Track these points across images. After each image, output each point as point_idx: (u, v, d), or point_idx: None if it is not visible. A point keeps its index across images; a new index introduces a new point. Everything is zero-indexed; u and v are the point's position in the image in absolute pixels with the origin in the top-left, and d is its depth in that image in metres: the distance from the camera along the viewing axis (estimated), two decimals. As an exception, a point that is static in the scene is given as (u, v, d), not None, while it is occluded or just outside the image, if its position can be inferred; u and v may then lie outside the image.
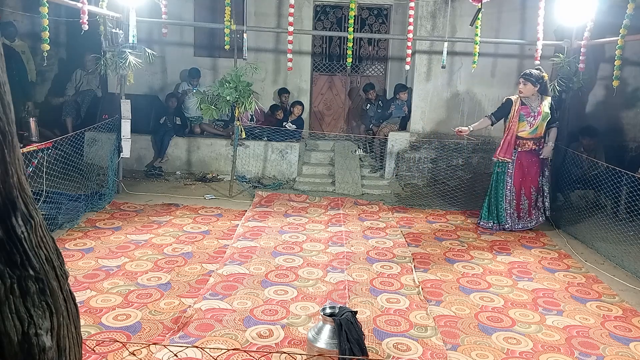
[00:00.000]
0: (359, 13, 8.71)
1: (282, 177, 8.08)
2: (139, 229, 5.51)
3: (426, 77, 8.17)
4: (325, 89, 9.35)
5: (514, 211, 6.04)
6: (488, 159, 8.11)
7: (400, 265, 4.86)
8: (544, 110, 5.86)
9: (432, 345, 3.43)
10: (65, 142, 6.16)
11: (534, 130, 5.91)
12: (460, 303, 4.14)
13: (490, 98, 8.19)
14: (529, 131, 5.91)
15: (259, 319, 3.67)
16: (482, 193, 7.27)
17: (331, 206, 6.81)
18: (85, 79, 8.56)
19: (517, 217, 6.07)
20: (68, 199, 5.88)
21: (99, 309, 3.71)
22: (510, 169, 6.00)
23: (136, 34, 6.49)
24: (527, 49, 7.81)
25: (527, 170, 6.00)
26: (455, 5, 7.81)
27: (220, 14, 7.27)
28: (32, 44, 8.22)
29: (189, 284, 4.22)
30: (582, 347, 3.53)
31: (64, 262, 1.54)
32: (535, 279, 4.74)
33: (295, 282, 4.35)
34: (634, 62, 7.89)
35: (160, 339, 3.34)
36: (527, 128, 5.89)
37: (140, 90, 8.17)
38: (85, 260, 4.60)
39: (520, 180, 5.99)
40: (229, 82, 6.70)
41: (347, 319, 2.86)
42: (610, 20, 6.08)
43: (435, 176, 7.99)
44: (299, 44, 8.67)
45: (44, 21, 5.09)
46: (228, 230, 5.67)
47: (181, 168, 8.15)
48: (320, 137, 8.98)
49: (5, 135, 1.32)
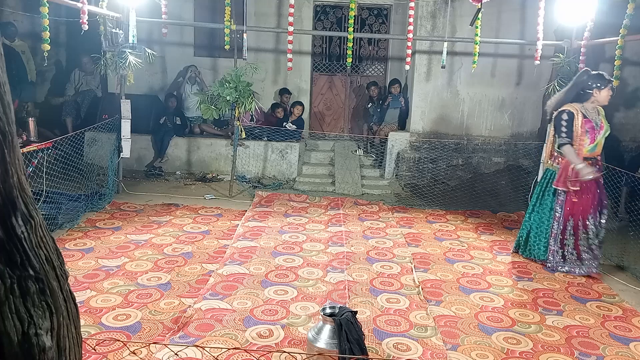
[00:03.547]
0: (359, 13, 8.71)
1: (282, 177, 8.08)
2: (139, 229, 5.51)
3: (426, 77, 8.17)
4: (325, 89, 9.35)
5: (558, 249, 4.89)
6: (488, 159, 8.13)
7: (400, 265, 4.86)
8: (606, 124, 4.76)
9: (432, 345, 3.43)
10: (65, 142, 6.16)
11: (593, 147, 4.71)
12: (460, 303, 4.13)
13: (490, 98, 8.20)
14: (588, 148, 4.71)
15: (259, 319, 3.67)
16: (482, 193, 7.28)
17: (331, 206, 6.81)
18: (84, 79, 8.57)
19: (561, 258, 4.90)
20: (68, 199, 5.88)
21: (99, 309, 3.71)
22: (561, 195, 4.80)
23: (136, 34, 6.49)
24: (527, 49, 7.81)
25: (584, 198, 4.74)
26: (455, 5, 7.81)
27: (220, 14, 7.27)
28: (32, 44, 8.22)
29: (189, 284, 4.22)
30: (582, 347, 3.53)
31: (64, 262, 1.54)
32: (535, 279, 4.73)
33: (295, 282, 4.35)
34: (634, 62, 7.89)
35: (160, 339, 3.34)
36: (586, 145, 4.71)
37: (140, 90, 8.17)
38: (85, 260, 4.60)
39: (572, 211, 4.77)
40: (229, 82, 6.71)
41: (347, 319, 2.86)
42: (610, 20, 6.08)
43: (435, 176, 7.99)
44: (299, 44, 8.67)
45: (44, 21, 5.09)
46: (228, 230, 5.67)
47: (181, 168, 8.16)
48: (320, 137, 8.98)
49: (5, 135, 1.31)
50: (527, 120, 8.29)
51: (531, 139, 8.12)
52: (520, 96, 8.22)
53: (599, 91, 4.67)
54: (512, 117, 8.26)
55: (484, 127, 8.27)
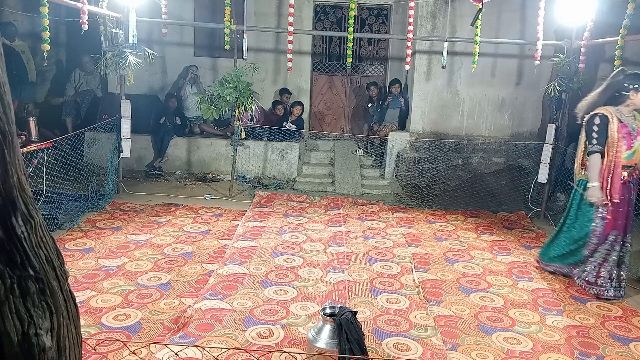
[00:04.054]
0: (359, 13, 8.71)
1: (282, 177, 8.08)
2: (139, 229, 5.51)
3: (426, 77, 8.17)
4: (325, 89, 9.35)
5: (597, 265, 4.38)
6: (488, 159, 8.13)
7: (400, 265, 4.86)
8: None
9: (432, 345, 3.43)
10: (65, 142, 6.16)
11: (631, 155, 4.24)
12: (460, 303, 4.13)
13: (490, 98, 8.20)
14: (625, 155, 4.23)
15: (259, 319, 3.67)
16: (482, 193, 7.28)
17: (331, 206, 6.81)
18: (84, 79, 8.57)
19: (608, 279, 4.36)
20: (68, 199, 5.88)
21: (99, 309, 3.71)
22: (600, 210, 4.30)
23: (136, 34, 6.49)
24: (527, 49, 7.81)
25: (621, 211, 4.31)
26: (455, 5, 7.81)
27: (220, 14, 7.27)
28: (32, 44, 8.22)
29: (189, 284, 4.22)
30: (582, 347, 3.53)
31: (64, 262, 1.54)
32: (535, 279, 4.73)
33: (295, 282, 4.35)
34: (634, 62, 7.88)
35: (160, 339, 3.34)
36: (623, 152, 4.24)
37: (140, 90, 8.17)
38: (85, 260, 4.60)
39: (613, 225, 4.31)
40: (229, 82, 6.71)
41: (347, 319, 2.86)
42: (610, 20, 6.07)
43: (435, 176, 7.99)
44: (299, 44, 8.67)
45: (44, 21, 5.08)
46: (228, 230, 5.67)
47: (181, 168, 8.16)
48: (320, 137, 8.98)
49: (5, 135, 1.32)
50: (527, 121, 8.29)
51: (531, 139, 8.12)
52: (520, 96, 8.22)
53: (636, 93, 4.15)
54: (512, 117, 8.26)
55: (484, 127, 8.27)
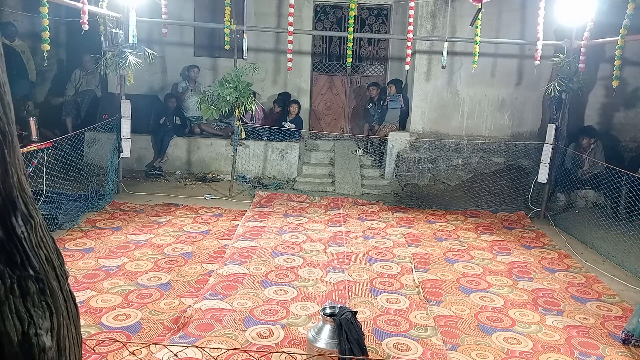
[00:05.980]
0: (359, 13, 8.71)
1: (282, 177, 8.08)
2: (139, 229, 5.51)
3: (426, 77, 8.17)
4: (325, 89, 9.35)
5: None
6: (488, 159, 8.12)
7: (400, 265, 4.85)
8: None
9: (432, 345, 3.43)
10: (65, 142, 6.16)
11: None
12: (460, 303, 4.13)
13: (490, 98, 8.20)
14: None
15: (259, 319, 3.67)
16: (482, 193, 7.28)
17: (331, 206, 6.81)
18: (85, 79, 8.56)
19: None
20: (68, 199, 5.87)
21: (99, 309, 3.71)
22: None
23: (136, 34, 6.49)
24: (527, 49, 7.81)
25: None
26: (455, 5, 7.81)
27: (220, 14, 7.27)
28: (32, 44, 8.22)
29: (189, 284, 4.22)
30: (582, 347, 3.53)
31: (64, 262, 1.54)
32: (535, 279, 4.73)
33: (295, 282, 4.35)
34: (634, 62, 7.89)
35: (160, 339, 3.34)
36: None
37: (140, 90, 8.17)
38: (85, 260, 4.60)
39: None
40: (229, 82, 6.70)
41: (347, 319, 2.86)
42: (610, 20, 6.07)
43: (435, 176, 7.99)
44: (299, 44, 8.66)
45: (44, 21, 5.08)
46: (228, 230, 5.67)
47: (181, 168, 8.15)
48: (320, 137, 8.98)
49: (5, 135, 1.31)
50: (527, 120, 8.29)
51: (531, 139, 8.11)
52: (520, 96, 8.21)
53: None
54: (512, 117, 8.25)
55: (484, 127, 8.27)
